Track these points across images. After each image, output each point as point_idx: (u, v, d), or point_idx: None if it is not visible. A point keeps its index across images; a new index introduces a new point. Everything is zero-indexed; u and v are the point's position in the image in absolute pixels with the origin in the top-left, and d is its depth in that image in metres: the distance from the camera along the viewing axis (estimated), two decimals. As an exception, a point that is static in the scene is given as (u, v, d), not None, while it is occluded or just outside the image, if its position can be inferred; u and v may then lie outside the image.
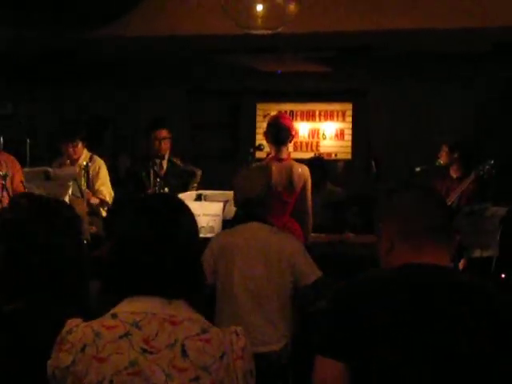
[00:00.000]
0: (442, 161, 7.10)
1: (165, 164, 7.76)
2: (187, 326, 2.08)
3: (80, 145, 7.63)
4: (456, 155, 7.00)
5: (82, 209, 7.26)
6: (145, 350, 2.04)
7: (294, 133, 6.77)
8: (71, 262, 2.48)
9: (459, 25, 7.39)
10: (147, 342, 2.04)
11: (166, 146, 7.73)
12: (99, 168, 7.72)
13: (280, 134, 6.54)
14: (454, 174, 7.07)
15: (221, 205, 6.36)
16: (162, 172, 7.72)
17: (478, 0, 7.19)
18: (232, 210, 6.12)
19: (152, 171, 7.38)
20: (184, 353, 2.04)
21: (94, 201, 7.52)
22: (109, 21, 7.61)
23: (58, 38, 7.69)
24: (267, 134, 6.69)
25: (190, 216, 2.25)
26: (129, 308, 2.10)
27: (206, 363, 2.05)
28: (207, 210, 6.42)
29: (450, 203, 6.65)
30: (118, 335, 2.05)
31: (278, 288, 4.42)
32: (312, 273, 4.42)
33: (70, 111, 10.20)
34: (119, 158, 8.94)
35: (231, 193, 5.80)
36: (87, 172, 7.41)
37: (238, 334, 2.13)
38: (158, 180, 7.33)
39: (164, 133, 7.73)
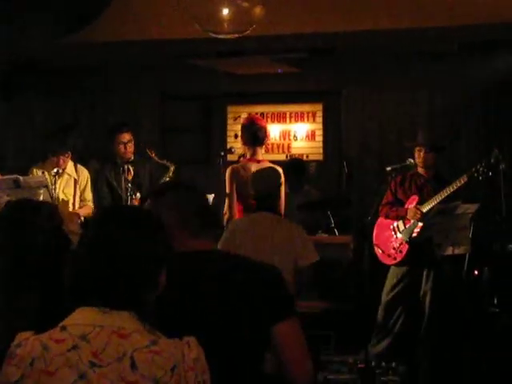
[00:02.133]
0: (416, 161, 7.05)
1: (131, 167, 7.77)
2: (136, 338, 2.06)
3: (68, 157, 7.66)
4: (431, 155, 6.97)
5: (66, 211, 7.31)
6: (93, 364, 2.02)
7: (268, 133, 6.82)
8: (49, 261, 2.50)
9: (427, 25, 7.44)
10: (96, 356, 2.03)
11: (130, 149, 7.75)
12: (88, 178, 7.77)
13: (257, 134, 6.60)
14: (424, 173, 7.00)
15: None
16: (130, 176, 7.72)
17: (446, 0, 7.24)
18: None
19: (123, 178, 7.36)
20: (133, 365, 2.02)
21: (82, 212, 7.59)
22: (77, 26, 7.58)
23: (25, 45, 7.64)
24: (243, 136, 6.72)
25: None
26: (78, 319, 2.09)
27: (157, 375, 2.03)
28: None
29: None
30: (66, 348, 2.03)
31: (281, 266, 4.61)
32: (307, 256, 5.31)
33: (39, 118, 10.13)
34: (89, 163, 8.90)
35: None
36: (72, 179, 7.46)
37: (189, 345, 2.11)
38: (130, 186, 7.33)
39: (127, 136, 7.75)
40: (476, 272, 7.18)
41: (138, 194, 7.54)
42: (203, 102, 10.39)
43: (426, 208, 6.70)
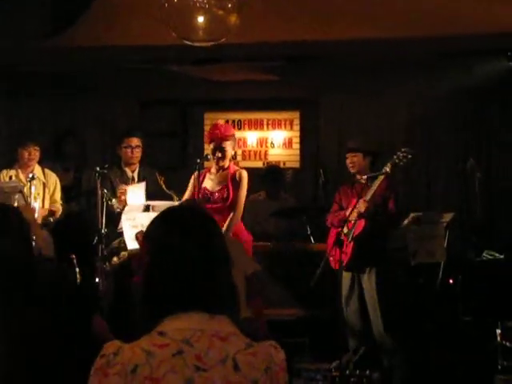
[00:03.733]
0: (349, 168, 6.91)
1: (136, 174, 7.72)
2: (234, 341, 2.07)
3: (39, 153, 7.61)
4: (368, 160, 6.96)
5: (33, 216, 7.27)
6: (198, 368, 2.00)
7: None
8: (19, 264, 2.48)
9: (405, 34, 7.47)
10: (200, 359, 2.01)
11: (137, 154, 7.70)
12: (57, 182, 7.73)
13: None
14: (362, 179, 6.86)
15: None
16: (134, 183, 7.64)
17: (424, 10, 7.27)
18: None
19: (99, 181, 7.26)
20: (236, 367, 2.02)
21: (44, 213, 7.54)
22: (54, 31, 7.54)
23: (1, 48, 7.60)
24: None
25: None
26: (175, 326, 2.05)
27: (256, 377, 2.04)
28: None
29: (366, 209, 6.58)
30: (171, 353, 2.00)
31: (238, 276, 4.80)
32: (250, 267, 5.34)
33: (19, 124, 10.07)
34: (84, 173, 8.86)
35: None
36: (40, 183, 7.43)
37: (276, 347, 2.13)
38: (106, 192, 7.26)
39: (135, 141, 7.70)
40: (450, 280, 7.21)
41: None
42: (180, 109, 10.39)
43: (367, 196, 6.61)
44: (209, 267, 2.12)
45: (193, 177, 6.83)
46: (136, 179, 7.70)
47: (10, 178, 7.57)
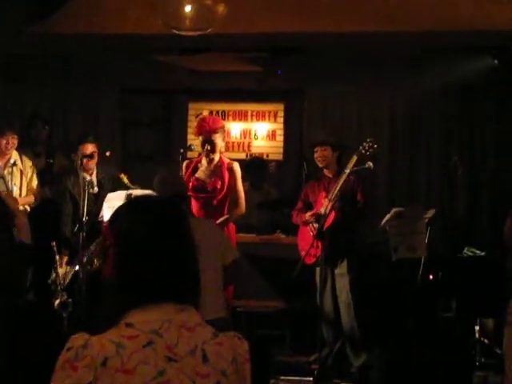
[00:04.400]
0: (317, 162, 6.88)
1: (94, 177, 7.65)
2: (201, 331, 2.04)
3: (16, 141, 7.55)
4: (336, 154, 6.88)
5: (15, 204, 7.23)
6: (170, 359, 1.97)
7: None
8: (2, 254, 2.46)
9: (390, 29, 7.48)
10: (170, 350, 1.98)
11: (94, 160, 7.58)
12: (33, 169, 7.67)
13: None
14: (329, 173, 6.87)
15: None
16: (93, 187, 7.59)
17: (409, 5, 7.28)
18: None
19: (86, 193, 7.16)
20: (205, 358, 2.00)
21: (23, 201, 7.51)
22: (40, 17, 7.49)
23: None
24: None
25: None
26: (142, 317, 2.02)
27: (224, 367, 2.02)
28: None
29: (331, 202, 6.52)
30: (141, 344, 1.97)
31: (206, 266, 4.65)
32: (229, 254, 5.29)
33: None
34: (55, 157, 8.81)
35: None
36: (18, 170, 7.38)
37: (239, 338, 2.11)
38: (87, 180, 7.23)
39: (90, 147, 7.56)
40: (431, 276, 7.22)
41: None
42: (164, 98, 10.35)
43: (332, 195, 6.56)
44: (176, 257, 2.09)
45: (183, 166, 6.82)
46: (95, 182, 7.63)
47: None
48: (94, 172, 7.68)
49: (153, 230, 2.09)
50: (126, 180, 7.45)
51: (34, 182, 7.74)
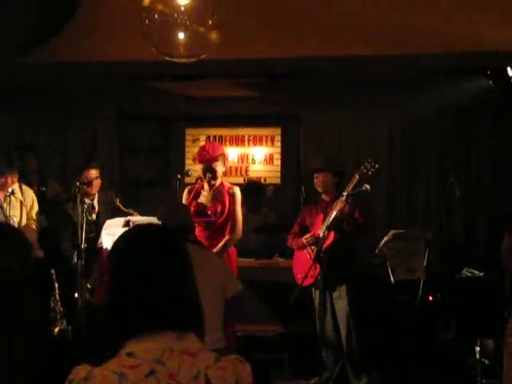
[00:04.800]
0: (317, 187, 6.92)
1: (95, 202, 7.72)
2: (203, 357, 2.04)
3: (16, 177, 7.57)
4: (336, 179, 6.89)
5: (33, 236, 7.22)
6: None
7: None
8: (21, 284, 2.47)
9: (385, 51, 7.50)
10: (173, 377, 1.98)
11: (97, 185, 7.69)
12: (33, 198, 7.68)
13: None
14: (327, 197, 6.91)
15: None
16: (94, 213, 7.66)
17: (404, 28, 7.31)
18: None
19: (79, 195, 7.22)
20: (208, 382, 2.00)
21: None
22: (36, 45, 7.52)
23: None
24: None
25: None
26: (143, 346, 2.02)
27: None
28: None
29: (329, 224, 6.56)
30: (143, 374, 1.96)
31: (214, 297, 4.81)
32: (233, 286, 5.11)
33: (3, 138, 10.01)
34: (48, 184, 8.83)
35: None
36: (17, 200, 7.38)
37: (241, 361, 2.11)
38: (86, 206, 7.26)
39: (94, 173, 7.67)
40: (430, 298, 7.22)
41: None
42: (161, 124, 10.39)
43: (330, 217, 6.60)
44: (173, 286, 2.09)
45: (185, 192, 6.91)
46: (96, 207, 7.70)
47: None
48: (96, 197, 7.74)
49: (152, 258, 2.10)
50: (118, 203, 7.52)
51: (33, 212, 7.73)
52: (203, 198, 6.86)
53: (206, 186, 6.88)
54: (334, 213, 6.50)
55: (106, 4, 7.17)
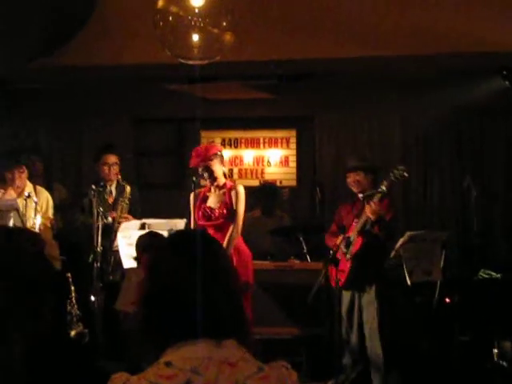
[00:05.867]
0: (351, 186, 6.90)
1: (114, 190, 7.75)
2: (244, 366, 2.00)
3: (26, 173, 7.59)
4: (370, 177, 6.90)
5: (48, 235, 7.23)
6: None
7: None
8: (37, 286, 2.47)
9: (403, 51, 7.47)
10: None
11: (114, 171, 7.74)
12: (48, 198, 7.71)
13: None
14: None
15: (165, 234, 6.33)
16: (111, 199, 7.70)
17: (419, 28, 7.28)
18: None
19: (95, 199, 7.25)
20: None
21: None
22: (50, 49, 7.54)
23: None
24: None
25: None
26: (181, 355, 1.99)
27: None
28: (151, 240, 6.39)
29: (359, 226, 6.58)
30: None
31: None
32: None
33: (14, 141, 10.04)
34: (54, 188, 8.86)
35: (175, 221, 6.13)
36: (32, 202, 7.39)
37: (287, 368, 2.07)
38: (101, 210, 7.27)
39: (113, 158, 7.74)
40: (447, 300, 7.17)
41: (110, 219, 7.49)
42: (176, 127, 10.40)
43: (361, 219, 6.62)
44: (215, 292, 2.07)
45: (191, 196, 6.85)
46: (114, 193, 7.74)
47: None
48: (114, 184, 7.77)
49: (191, 270, 2.07)
50: (128, 194, 7.57)
51: (50, 212, 7.76)
52: (211, 200, 6.84)
53: (212, 187, 6.87)
54: (363, 216, 6.52)
55: (120, 8, 7.19)
